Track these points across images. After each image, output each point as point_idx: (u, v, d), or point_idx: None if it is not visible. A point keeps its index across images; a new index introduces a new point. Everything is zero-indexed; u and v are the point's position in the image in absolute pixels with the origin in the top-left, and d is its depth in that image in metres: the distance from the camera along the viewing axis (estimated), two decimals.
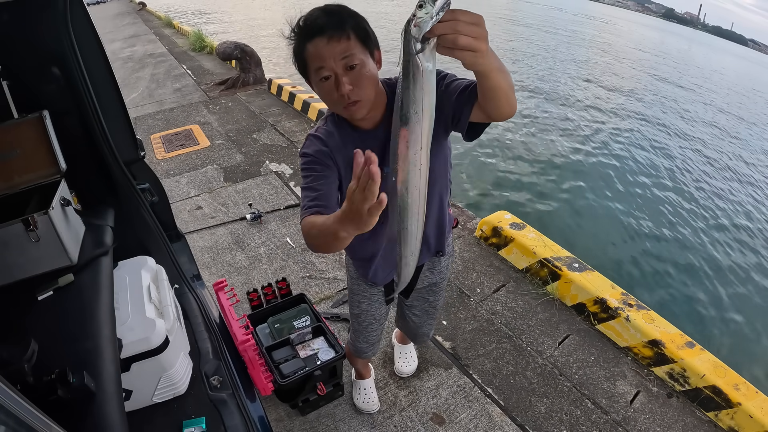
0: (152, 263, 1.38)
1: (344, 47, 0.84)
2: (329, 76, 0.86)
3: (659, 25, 69.84)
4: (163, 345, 1.13)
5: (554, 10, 37.21)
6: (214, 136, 4.23)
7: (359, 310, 1.37)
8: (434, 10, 0.56)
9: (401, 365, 1.88)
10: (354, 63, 0.85)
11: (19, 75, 1.22)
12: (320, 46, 0.84)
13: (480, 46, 0.60)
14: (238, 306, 2.12)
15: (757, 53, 67.74)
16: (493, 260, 2.58)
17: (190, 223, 2.87)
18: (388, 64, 0.96)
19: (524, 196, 4.87)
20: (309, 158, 0.96)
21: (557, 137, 6.71)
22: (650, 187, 5.65)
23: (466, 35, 0.58)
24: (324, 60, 0.85)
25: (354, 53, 0.85)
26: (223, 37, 9.43)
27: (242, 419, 1.17)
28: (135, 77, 6.51)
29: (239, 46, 5.72)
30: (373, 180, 0.60)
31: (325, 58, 0.84)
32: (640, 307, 2.10)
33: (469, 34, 0.58)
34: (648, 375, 1.95)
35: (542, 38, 18.30)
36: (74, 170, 1.27)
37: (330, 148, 0.97)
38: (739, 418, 1.73)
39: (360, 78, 0.87)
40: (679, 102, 11.05)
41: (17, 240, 1.00)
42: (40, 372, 0.77)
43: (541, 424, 1.73)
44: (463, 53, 0.60)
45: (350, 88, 0.86)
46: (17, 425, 0.48)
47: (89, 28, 1.31)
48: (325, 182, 0.94)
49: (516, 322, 2.17)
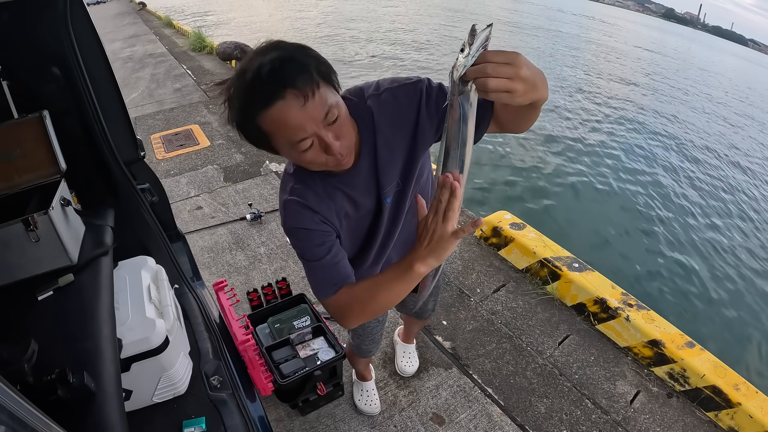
0: (152, 263, 1.38)
1: (320, 101, 0.66)
2: (312, 142, 0.69)
3: (659, 25, 69.83)
4: (163, 345, 1.13)
5: (554, 11, 37.20)
6: (214, 136, 4.22)
7: None
8: (470, 53, 0.58)
9: (404, 365, 1.87)
10: (336, 115, 0.69)
11: (19, 75, 1.22)
12: (291, 112, 0.65)
13: (514, 86, 0.58)
14: (238, 306, 2.12)
15: (757, 53, 67.73)
16: (493, 260, 2.58)
17: (190, 223, 2.87)
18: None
19: (524, 196, 4.87)
20: (303, 233, 0.81)
21: (557, 137, 6.71)
22: (650, 187, 5.66)
23: (496, 77, 0.57)
24: (303, 129, 0.67)
25: (331, 103, 0.68)
26: (223, 38, 9.43)
27: (242, 419, 1.17)
28: (135, 77, 6.50)
29: (239, 46, 5.73)
30: (455, 196, 0.63)
31: (304, 125, 0.66)
32: (640, 307, 2.10)
33: (501, 76, 0.57)
34: (648, 375, 1.95)
35: (542, 38, 18.30)
36: (74, 170, 1.27)
37: (321, 212, 0.81)
38: (739, 418, 1.73)
39: (342, 127, 0.71)
40: (679, 102, 11.06)
41: (17, 240, 1.00)
42: (40, 372, 0.77)
43: (541, 424, 1.73)
44: (498, 95, 0.59)
45: (339, 144, 0.71)
46: (17, 425, 0.48)
47: (89, 28, 1.31)
48: (335, 249, 0.82)
49: (516, 322, 2.17)
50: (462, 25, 17.21)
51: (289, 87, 0.63)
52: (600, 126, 7.64)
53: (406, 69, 9.85)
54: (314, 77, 0.66)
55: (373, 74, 8.94)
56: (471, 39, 0.58)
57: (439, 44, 13.11)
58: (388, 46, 12.16)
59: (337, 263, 0.82)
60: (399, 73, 6.33)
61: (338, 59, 9.72)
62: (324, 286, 0.82)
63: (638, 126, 8.10)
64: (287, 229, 0.82)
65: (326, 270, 0.81)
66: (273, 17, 16.51)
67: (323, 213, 0.81)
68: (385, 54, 11.08)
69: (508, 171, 5.39)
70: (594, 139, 6.96)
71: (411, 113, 0.82)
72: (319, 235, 0.81)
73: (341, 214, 0.86)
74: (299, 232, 0.81)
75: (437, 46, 12.73)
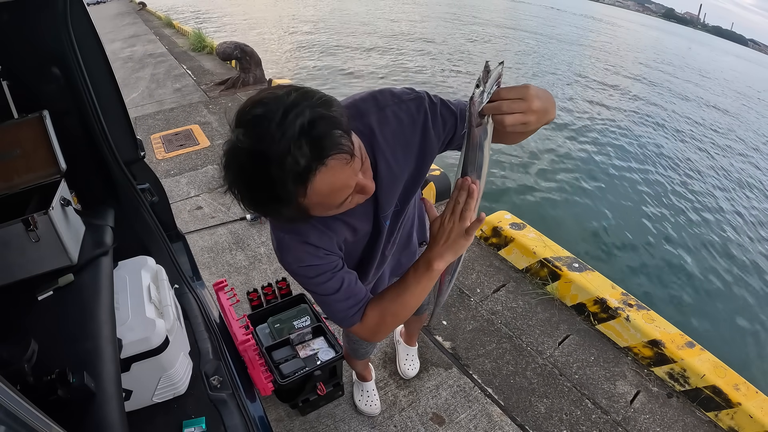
0: (152, 263, 1.38)
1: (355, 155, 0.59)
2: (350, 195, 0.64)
3: (659, 25, 69.85)
4: (163, 345, 1.13)
5: (554, 10, 37.20)
6: (214, 136, 4.22)
7: None
8: (485, 91, 0.62)
9: (407, 368, 1.87)
10: (364, 161, 0.65)
11: (19, 75, 1.22)
12: (334, 176, 0.57)
13: (527, 118, 0.61)
14: (238, 306, 2.12)
15: (757, 53, 67.75)
16: (493, 260, 2.58)
17: (190, 223, 2.87)
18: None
19: (524, 195, 4.87)
20: (312, 270, 0.75)
21: (556, 137, 6.71)
22: (650, 186, 5.66)
23: (511, 114, 0.60)
24: (349, 186, 0.61)
25: (360, 146, 0.64)
26: (223, 38, 9.43)
27: (242, 419, 1.17)
28: (135, 77, 6.50)
29: (239, 46, 5.72)
30: (471, 197, 0.68)
31: (349, 182, 0.61)
32: (640, 307, 2.10)
33: (515, 111, 0.60)
34: (648, 375, 1.95)
35: (541, 38, 18.30)
36: (74, 170, 1.27)
37: (324, 246, 0.76)
38: (739, 418, 1.73)
39: (365, 161, 0.67)
40: (679, 102, 11.06)
41: (17, 240, 1.00)
42: (40, 372, 0.77)
43: (541, 424, 1.73)
44: (514, 128, 0.62)
45: (369, 180, 0.67)
46: (17, 425, 0.48)
47: (89, 28, 1.31)
48: (346, 276, 0.78)
49: (516, 322, 2.17)
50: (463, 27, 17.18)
51: (328, 151, 0.55)
52: (599, 126, 7.64)
53: (408, 67, 9.85)
54: (347, 132, 0.58)
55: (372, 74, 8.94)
56: (485, 75, 0.61)
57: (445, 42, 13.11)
58: (389, 43, 12.18)
59: (352, 287, 0.79)
60: (402, 81, 6.26)
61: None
62: (349, 315, 0.79)
63: (637, 127, 8.10)
64: (292, 271, 0.77)
65: (345, 299, 0.78)
66: (273, 18, 16.51)
67: (326, 247, 0.76)
68: (388, 53, 11.09)
69: (507, 171, 5.39)
70: (594, 139, 6.96)
71: (416, 135, 0.79)
72: (327, 268, 0.76)
73: (341, 242, 0.82)
74: (307, 271, 0.75)
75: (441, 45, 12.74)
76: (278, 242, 0.76)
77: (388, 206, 0.84)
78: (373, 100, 0.78)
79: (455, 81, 9.17)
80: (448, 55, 11.66)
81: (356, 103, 0.78)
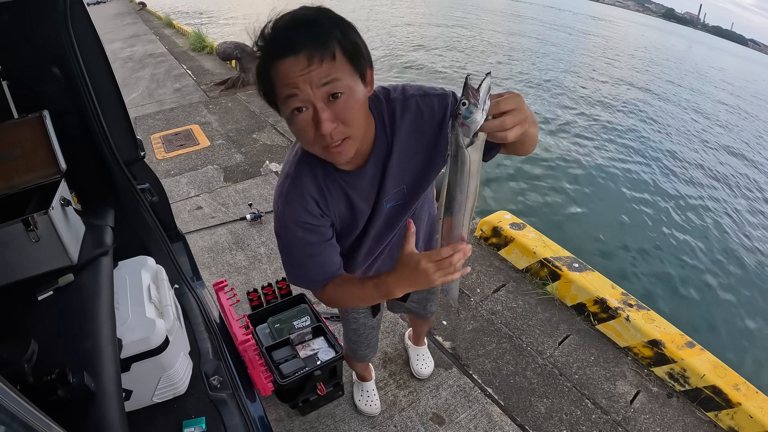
0: (152, 263, 1.38)
1: (326, 70, 0.63)
2: (303, 108, 0.66)
3: (659, 25, 69.84)
4: (163, 345, 1.13)
5: (554, 10, 37.19)
6: (214, 136, 4.22)
7: (356, 325, 1.36)
8: (480, 110, 0.59)
9: (420, 367, 1.86)
10: (338, 91, 0.65)
11: (19, 75, 1.22)
12: (293, 68, 0.63)
13: (524, 127, 0.61)
14: (238, 306, 2.12)
15: (757, 53, 67.74)
16: (493, 260, 2.58)
17: (190, 223, 2.87)
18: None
19: (524, 196, 4.87)
20: (299, 229, 0.80)
21: (556, 138, 6.71)
22: (650, 185, 5.66)
23: (513, 125, 0.59)
24: (296, 86, 0.64)
25: (339, 77, 0.65)
26: (223, 37, 9.42)
27: (242, 419, 1.17)
28: (135, 77, 6.50)
29: (239, 46, 5.72)
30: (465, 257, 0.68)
31: (299, 84, 0.64)
32: (640, 307, 2.10)
33: (516, 123, 0.59)
34: (648, 375, 1.95)
35: (541, 37, 18.30)
36: (74, 170, 1.27)
37: (315, 197, 0.80)
38: (739, 418, 1.73)
39: (346, 110, 0.67)
40: (679, 102, 11.05)
41: (17, 240, 1.00)
42: (40, 372, 0.77)
43: (541, 424, 1.73)
44: (515, 139, 0.61)
45: (333, 126, 0.67)
46: (17, 425, 0.48)
47: (89, 28, 1.31)
48: (328, 246, 0.84)
49: (516, 322, 2.17)
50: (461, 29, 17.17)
51: (300, 45, 0.63)
52: (599, 127, 7.64)
53: (412, 65, 9.85)
54: (330, 45, 0.64)
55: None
56: (472, 93, 0.58)
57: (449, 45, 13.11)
58: (393, 42, 12.18)
59: (329, 261, 0.84)
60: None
61: None
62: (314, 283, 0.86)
63: (637, 126, 8.10)
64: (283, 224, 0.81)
65: (314, 266, 0.84)
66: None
67: (321, 207, 0.82)
68: (394, 50, 11.09)
69: (507, 171, 5.39)
70: (594, 139, 6.96)
71: (434, 127, 0.81)
72: (317, 231, 0.82)
73: (336, 213, 0.85)
74: (292, 229, 0.81)
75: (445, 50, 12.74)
76: (280, 190, 0.82)
77: (392, 189, 0.86)
78: (401, 89, 0.83)
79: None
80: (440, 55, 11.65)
81: (387, 88, 0.83)
